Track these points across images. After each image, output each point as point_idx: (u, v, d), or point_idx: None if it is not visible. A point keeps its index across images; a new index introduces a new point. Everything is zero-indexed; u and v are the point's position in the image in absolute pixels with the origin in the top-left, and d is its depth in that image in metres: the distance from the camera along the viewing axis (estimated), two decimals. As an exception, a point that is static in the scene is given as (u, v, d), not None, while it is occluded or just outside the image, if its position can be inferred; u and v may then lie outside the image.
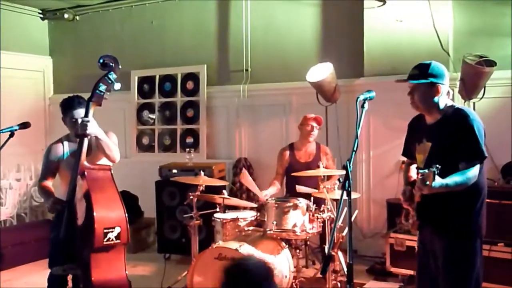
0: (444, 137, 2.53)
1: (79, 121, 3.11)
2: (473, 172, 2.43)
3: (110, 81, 3.04)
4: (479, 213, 2.56)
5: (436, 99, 2.57)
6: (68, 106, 3.23)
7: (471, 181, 2.43)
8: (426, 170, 2.25)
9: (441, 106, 2.59)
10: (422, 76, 2.56)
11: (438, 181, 2.27)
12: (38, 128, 6.64)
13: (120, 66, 3.08)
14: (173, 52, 6.34)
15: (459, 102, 4.67)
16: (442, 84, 2.57)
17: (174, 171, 5.32)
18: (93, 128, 3.03)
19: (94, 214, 2.82)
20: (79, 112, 3.17)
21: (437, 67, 2.60)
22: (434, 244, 2.61)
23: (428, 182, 2.23)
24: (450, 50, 4.76)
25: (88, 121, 2.98)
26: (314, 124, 4.51)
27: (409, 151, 2.83)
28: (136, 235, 5.57)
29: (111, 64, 3.06)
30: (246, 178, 4.30)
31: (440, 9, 4.74)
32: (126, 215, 2.95)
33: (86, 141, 3.00)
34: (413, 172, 2.79)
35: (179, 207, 5.20)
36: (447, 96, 2.62)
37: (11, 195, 6.26)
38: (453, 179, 2.38)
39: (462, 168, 2.43)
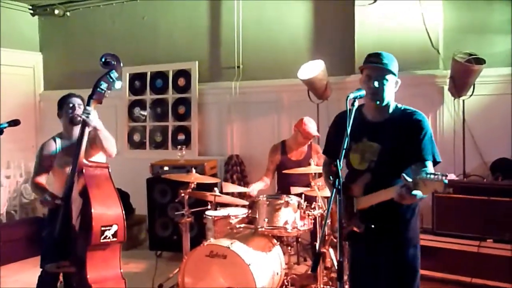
0: (395, 139, 2.40)
1: (77, 107, 3.22)
2: None
3: (111, 80, 3.07)
4: (416, 219, 2.51)
5: (393, 95, 2.47)
6: (65, 97, 3.32)
7: None
8: (409, 179, 2.07)
9: (392, 104, 2.49)
10: (390, 69, 2.44)
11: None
12: (28, 124, 6.60)
13: (122, 65, 3.10)
14: (165, 48, 6.32)
15: (449, 99, 4.72)
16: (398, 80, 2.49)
17: (166, 168, 5.32)
18: (95, 119, 3.03)
19: (92, 211, 2.81)
20: (75, 100, 3.28)
21: (396, 61, 2.49)
22: (375, 254, 2.50)
23: (415, 192, 2.06)
24: (440, 48, 4.79)
25: (90, 111, 2.99)
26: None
27: (333, 150, 2.48)
28: (128, 232, 5.47)
29: (113, 62, 3.08)
30: (228, 188, 4.37)
31: (430, 7, 4.76)
32: (124, 213, 2.94)
33: (86, 135, 3.00)
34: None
35: (170, 205, 5.21)
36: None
37: (1, 192, 6.20)
38: None
39: (413, 171, 2.29)
